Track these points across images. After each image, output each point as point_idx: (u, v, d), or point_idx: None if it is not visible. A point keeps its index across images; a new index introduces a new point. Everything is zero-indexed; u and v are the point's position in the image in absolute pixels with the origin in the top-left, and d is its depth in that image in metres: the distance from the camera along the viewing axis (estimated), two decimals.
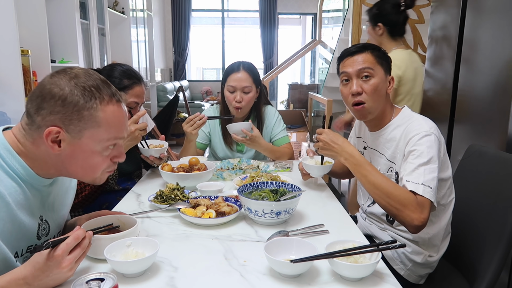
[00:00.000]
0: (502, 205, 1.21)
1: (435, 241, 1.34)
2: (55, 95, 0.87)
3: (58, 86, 0.88)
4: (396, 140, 1.34)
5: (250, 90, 1.95)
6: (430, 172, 1.20)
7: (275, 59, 8.68)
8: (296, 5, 8.68)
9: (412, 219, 1.16)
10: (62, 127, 0.88)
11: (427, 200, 1.17)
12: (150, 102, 6.49)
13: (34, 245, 0.97)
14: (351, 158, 1.31)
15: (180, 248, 1.08)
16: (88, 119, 0.89)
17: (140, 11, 5.78)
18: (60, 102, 0.87)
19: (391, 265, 1.37)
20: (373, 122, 1.44)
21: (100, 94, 0.91)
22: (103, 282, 0.75)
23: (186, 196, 1.39)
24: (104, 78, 0.95)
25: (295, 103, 7.08)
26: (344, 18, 4.31)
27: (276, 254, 0.95)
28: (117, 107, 0.94)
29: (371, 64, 1.34)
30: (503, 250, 1.18)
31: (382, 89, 1.36)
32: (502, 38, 1.78)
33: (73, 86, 0.88)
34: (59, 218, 1.08)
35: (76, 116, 0.88)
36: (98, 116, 0.90)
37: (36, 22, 2.82)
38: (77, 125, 0.88)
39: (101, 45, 4.06)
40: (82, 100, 0.88)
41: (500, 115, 1.75)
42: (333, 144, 1.34)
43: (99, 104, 0.90)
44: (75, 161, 0.92)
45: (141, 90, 1.66)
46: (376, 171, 1.28)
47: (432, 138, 1.24)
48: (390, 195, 1.20)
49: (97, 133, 0.91)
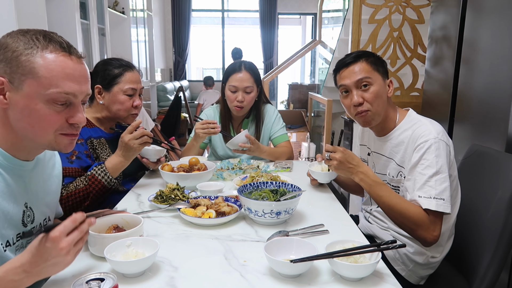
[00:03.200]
0: (502, 205, 1.21)
1: (441, 242, 1.34)
2: (2, 45, 0.86)
3: (6, 37, 0.87)
4: (405, 144, 1.34)
5: (252, 90, 1.96)
6: (441, 183, 1.21)
7: (275, 59, 8.68)
8: (296, 5, 8.68)
9: (425, 238, 1.22)
10: (6, 76, 0.85)
11: (440, 214, 1.20)
12: (150, 102, 6.50)
13: (21, 232, 0.95)
14: (367, 178, 1.31)
15: (180, 248, 1.08)
16: (25, 66, 0.84)
17: (140, 11, 5.79)
18: (2, 50, 0.85)
19: (392, 265, 1.37)
20: (378, 127, 1.43)
21: (45, 43, 0.86)
22: (103, 282, 0.75)
23: (186, 196, 1.39)
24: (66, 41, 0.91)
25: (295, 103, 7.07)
26: (344, 18, 4.30)
27: (276, 254, 0.95)
28: (62, 57, 0.88)
29: (368, 72, 1.35)
30: (503, 250, 1.18)
31: (383, 94, 1.36)
32: (502, 38, 1.78)
33: (21, 35, 0.87)
34: (43, 205, 1.06)
35: (15, 62, 0.85)
36: (36, 62, 0.85)
37: (36, 22, 2.81)
38: (16, 72, 0.85)
39: (101, 45, 4.06)
40: (21, 47, 0.85)
41: (500, 115, 1.75)
42: (348, 164, 1.33)
43: (40, 51, 0.85)
44: (21, 115, 0.87)
45: (133, 75, 1.62)
46: (391, 191, 1.29)
47: (441, 146, 1.24)
48: (404, 215, 1.23)
49: (37, 82, 0.85)
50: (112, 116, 1.64)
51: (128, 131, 1.48)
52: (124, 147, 1.47)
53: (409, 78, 3.02)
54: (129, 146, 1.46)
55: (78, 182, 1.43)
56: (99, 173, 1.46)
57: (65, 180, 1.43)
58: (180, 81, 8.38)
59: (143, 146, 1.50)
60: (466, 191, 1.43)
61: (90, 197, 1.42)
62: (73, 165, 1.47)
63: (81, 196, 1.42)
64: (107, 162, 1.49)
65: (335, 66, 1.44)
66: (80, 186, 1.42)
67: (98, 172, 1.46)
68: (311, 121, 5.10)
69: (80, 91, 0.91)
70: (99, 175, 1.45)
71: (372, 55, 1.40)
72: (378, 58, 1.40)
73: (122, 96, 1.59)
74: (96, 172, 1.46)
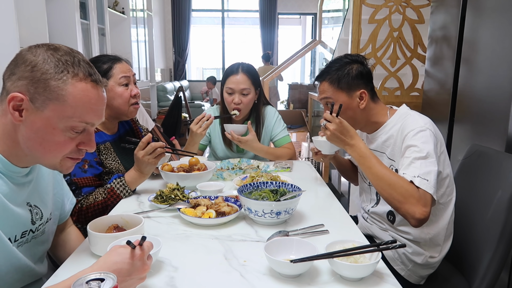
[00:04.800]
0: (502, 205, 1.21)
1: (437, 241, 1.34)
2: (27, 61, 0.85)
3: (34, 53, 0.85)
4: (394, 138, 1.36)
5: (249, 92, 1.96)
6: (426, 166, 1.20)
7: (275, 59, 8.68)
8: (296, 5, 8.68)
9: (414, 212, 1.16)
10: (27, 94, 0.84)
11: (428, 194, 1.17)
12: (150, 102, 6.49)
13: (29, 230, 0.97)
14: (358, 149, 1.31)
15: (180, 248, 1.08)
16: (54, 90, 0.84)
17: (140, 11, 5.78)
18: (30, 68, 0.84)
19: (391, 265, 1.38)
20: (366, 129, 1.47)
21: (75, 69, 0.86)
22: (103, 282, 0.75)
23: (186, 196, 1.39)
24: (88, 61, 0.91)
25: (295, 103, 7.07)
26: (344, 18, 4.30)
27: (276, 254, 0.95)
28: (91, 87, 0.88)
29: (329, 92, 1.44)
30: (503, 250, 1.18)
31: (347, 110, 1.39)
32: (502, 38, 1.78)
33: (49, 56, 0.85)
34: (48, 200, 1.07)
35: (43, 84, 0.84)
36: (66, 89, 0.85)
37: (36, 22, 2.81)
38: (42, 94, 0.84)
39: (101, 45, 4.06)
40: (52, 70, 0.84)
41: (500, 115, 1.75)
42: (341, 136, 1.33)
43: (70, 78, 0.85)
44: (35, 135, 0.87)
45: (122, 66, 1.61)
46: (381, 163, 1.28)
47: (428, 133, 1.25)
48: (392, 186, 1.20)
49: (61, 108, 0.85)
50: (114, 114, 1.61)
51: (139, 147, 1.45)
52: (140, 164, 1.45)
53: (409, 78, 3.02)
54: (144, 162, 1.44)
55: (97, 195, 1.42)
56: (118, 187, 1.45)
57: (83, 190, 1.42)
58: (180, 81, 8.39)
59: (158, 159, 1.46)
60: (466, 191, 1.43)
61: (109, 209, 1.41)
62: (87, 174, 1.46)
63: (100, 209, 1.41)
64: (127, 175, 1.48)
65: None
66: (99, 198, 1.41)
67: (117, 186, 1.45)
68: (311, 121, 5.10)
69: (98, 121, 0.93)
70: (117, 189, 1.45)
71: (336, 70, 1.41)
72: (341, 75, 1.40)
73: (119, 88, 1.57)
74: (115, 186, 1.45)
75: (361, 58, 1.45)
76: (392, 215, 1.40)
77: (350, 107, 1.40)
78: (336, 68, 1.42)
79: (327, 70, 1.43)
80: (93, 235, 1.00)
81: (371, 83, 1.44)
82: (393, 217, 1.40)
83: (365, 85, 1.41)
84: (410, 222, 1.19)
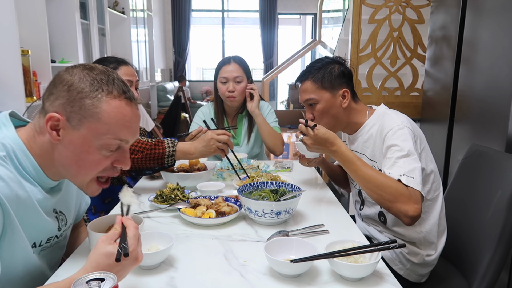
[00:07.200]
0: (502, 205, 1.21)
1: (431, 239, 1.34)
2: (64, 80, 0.86)
3: (70, 73, 0.87)
4: (373, 138, 1.37)
5: (242, 80, 2.03)
6: (410, 164, 1.20)
7: (275, 59, 8.67)
8: (296, 5, 8.68)
9: (406, 210, 1.15)
10: (64, 114, 0.86)
11: (416, 191, 1.17)
12: (150, 102, 6.50)
13: (54, 236, 0.99)
14: (340, 154, 1.28)
15: (180, 248, 1.08)
16: (89, 109, 0.85)
17: (140, 11, 5.79)
18: (66, 88, 0.86)
19: (390, 265, 1.37)
20: (347, 129, 1.48)
21: (109, 87, 0.87)
22: (103, 282, 0.75)
23: (186, 196, 1.39)
24: (123, 80, 0.92)
25: (295, 103, 7.07)
26: (344, 18, 4.30)
27: (276, 254, 0.95)
28: (125, 104, 0.89)
29: (312, 92, 1.43)
30: (503, 250, 1.18)
31: (330, 109, 1.41)
32: (502, 38, 1.78)
33: (85, 75, 0.87)
34: (71, 206, 1.10)
35: (78, 103, 0.85)
36: (101, 107, 0.86)
37: (36, 22, 2.82)
38: (78, 113, 0.85)
39: (101, 45, 4.06)
40: (87, 88, 0.85)
41: (500, 115, 1.75)
42: (321, 147, 1.30)
43: (104, 96, 0.86)
44: (71, 154, 0.88)
45: (128, 69, 1.66)
46: (366, 165, 1.26)
47: (406, 131, 1.26)
48: (381, 187, 1.19)
49: (96, 126, 0.86)
50: None
51: (215, 132, 1.48)
52: (203, 143, 1.47)
53: (409, 78, 3.02)
54: (208, 145, 1.46)
55: (145, 138, 1.45)
56: (168, 143, 1.45)
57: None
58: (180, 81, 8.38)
59: (218, 152, 1.49)
60: (466, 191, 1.43)
61: (145, 153, 1.41)
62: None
63: (140, 148, 1.42)
64: (180, 143, 1.48)
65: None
66: (145, 139, 1.43)
67: (168, 141, 1.46)
68: None
69: (133, 138, 0.94)
70: (167, 143, 1.45)
71: (318, 70, 1.42)
72: (324, 74, 1.41)
73: None
74: (166, 141, 1.46)
75: (341, 59, 1.47)
76: (382, 215, 1.40)
77: (333, 106, 1.41)
78: (318, 68, 1.43)
79: (309, 70, 1.44)
80: (93, 235, 1.00)
81: (352, 83, 1.46)
82: (384, 217, 1.40)
83: (347, 84, 1.43)
84: (403, 220, 1.18)
